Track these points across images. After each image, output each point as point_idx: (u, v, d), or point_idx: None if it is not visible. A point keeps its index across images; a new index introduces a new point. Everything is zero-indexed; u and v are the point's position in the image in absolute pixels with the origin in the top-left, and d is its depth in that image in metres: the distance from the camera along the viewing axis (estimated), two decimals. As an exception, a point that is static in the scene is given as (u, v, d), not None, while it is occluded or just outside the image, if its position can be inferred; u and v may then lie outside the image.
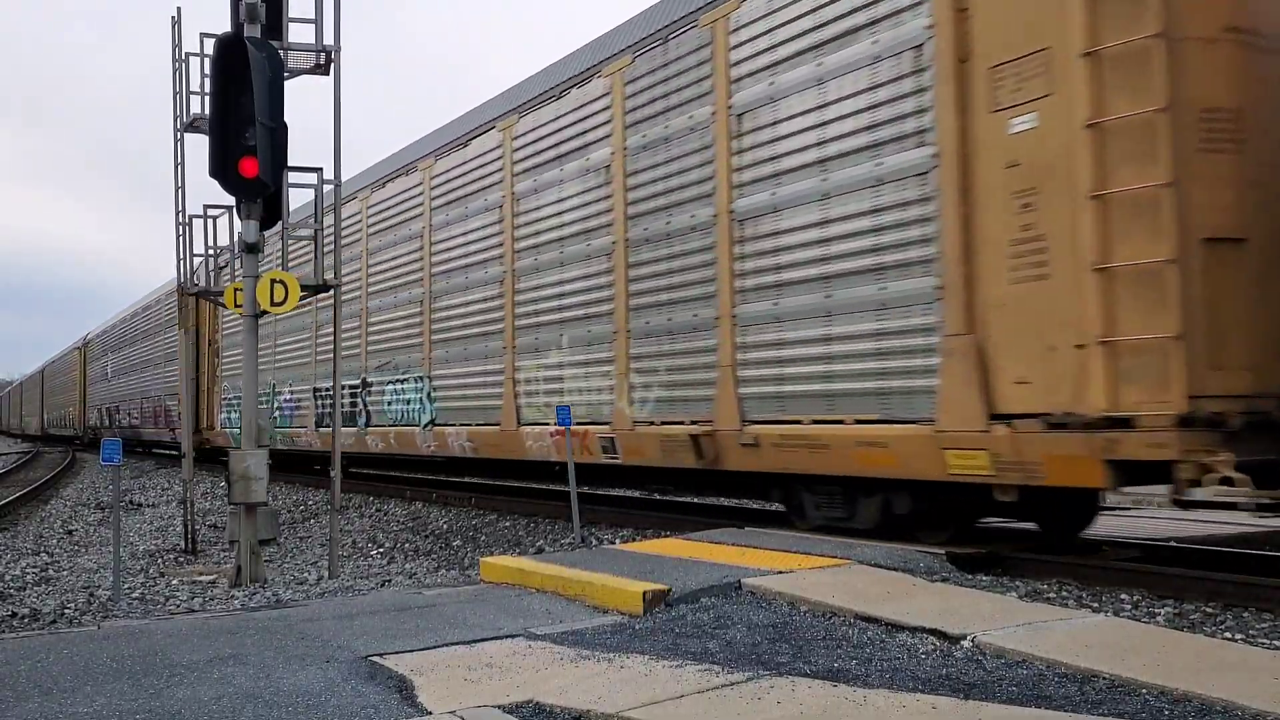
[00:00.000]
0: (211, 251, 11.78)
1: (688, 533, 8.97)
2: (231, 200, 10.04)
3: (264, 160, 8.60)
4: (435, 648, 5.26)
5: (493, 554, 9.55)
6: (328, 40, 9.58)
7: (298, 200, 15.15)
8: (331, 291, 10.16)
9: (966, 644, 4.93)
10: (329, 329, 15.16)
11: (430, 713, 4.17)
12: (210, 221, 11.73)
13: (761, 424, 8.65)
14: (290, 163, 9.16)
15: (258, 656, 5.15)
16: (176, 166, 11.53)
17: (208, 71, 9.36)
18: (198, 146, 10.08)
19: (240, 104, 8.60)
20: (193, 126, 10.50)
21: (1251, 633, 5.35)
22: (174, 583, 9.49)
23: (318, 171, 9.87)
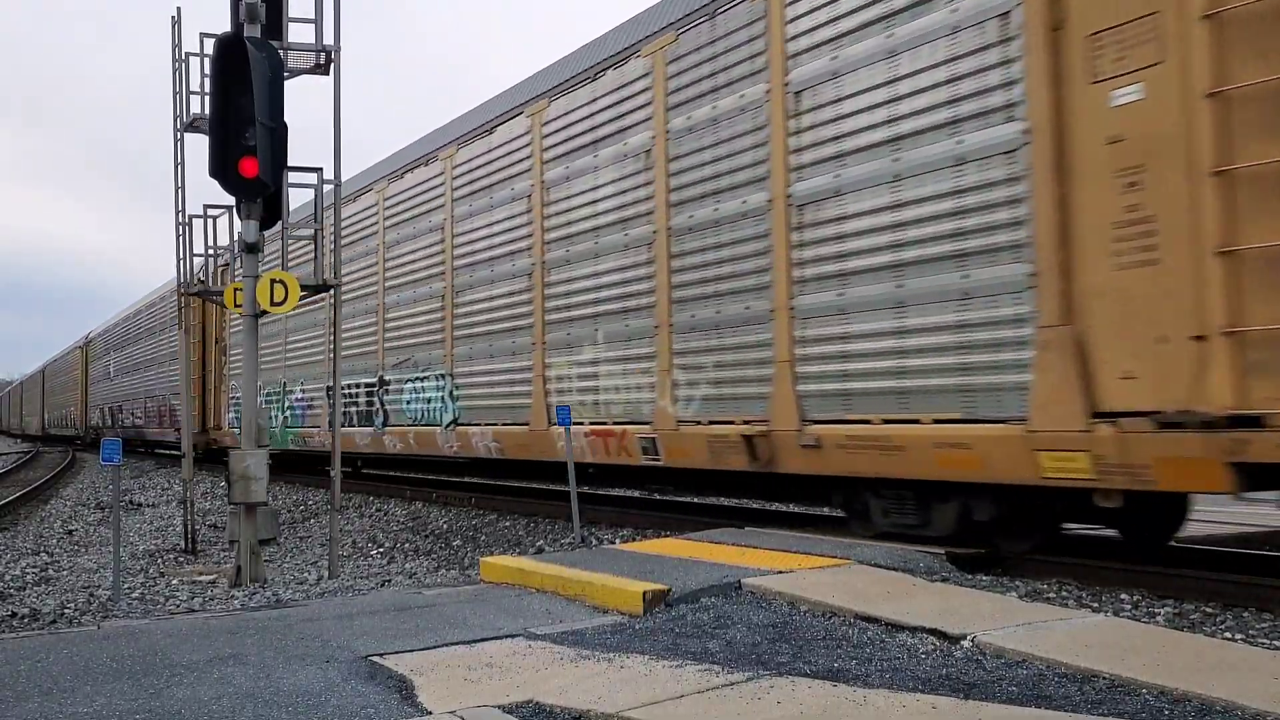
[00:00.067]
0: (212, 251, 11.81)
1: (687, 533, 8.97)
2: (231, 200, 10.05)
3: (264, 160, 8.60)
4: (435, 648, 5.26)
5: (493, 554, 9.55)
6: (328, 40, 9.58)
7: (298, 200, 15.15)
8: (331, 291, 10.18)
9: (966, 644, 4.93)
10: (342, 324, 15.02)
11: (430, 713, 4.17)
12: (210, 221, 11.76)
13: (824, 424, 8.07)
14: (290, 162, 9.18)
15: (257, 656, 5.15)
16: (176, 166, 11.56)
17: (208, 71, 9.38)
18: (198, 146, 10.11)
19: (240, 104, 8.60)
20: (193, 126, 10.52)
21: (1251, 633, 5.35)
22: (174, 583, 9.49)
23: (318, 171, 9.88)
